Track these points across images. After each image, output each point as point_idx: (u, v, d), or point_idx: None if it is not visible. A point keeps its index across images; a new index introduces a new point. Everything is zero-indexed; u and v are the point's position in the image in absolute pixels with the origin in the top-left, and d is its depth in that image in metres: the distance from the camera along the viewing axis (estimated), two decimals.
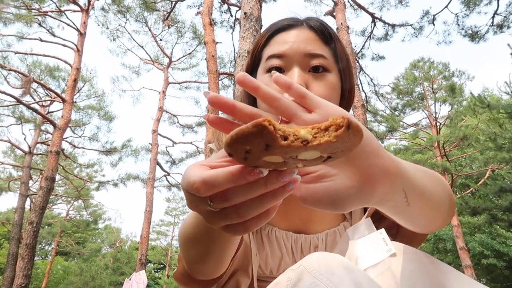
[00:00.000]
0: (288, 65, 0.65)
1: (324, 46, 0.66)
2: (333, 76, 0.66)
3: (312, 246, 0.73)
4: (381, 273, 0.51)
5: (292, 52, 0.64)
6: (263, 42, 0.70)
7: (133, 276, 6.82)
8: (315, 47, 0.65)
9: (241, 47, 3.49)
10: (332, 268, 0.46)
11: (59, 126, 8.30)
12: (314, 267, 0.47)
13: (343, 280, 0.44)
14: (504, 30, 8.59)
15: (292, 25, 0.68)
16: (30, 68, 11.46)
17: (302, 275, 0.47)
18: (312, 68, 0.65)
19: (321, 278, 0.45)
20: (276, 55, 0.65)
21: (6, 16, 8.55)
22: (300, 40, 0.65)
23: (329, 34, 0.68)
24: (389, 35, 9.86)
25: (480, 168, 12.13)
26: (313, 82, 0.64)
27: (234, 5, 8.60)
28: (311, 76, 0.64)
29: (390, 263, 0.51)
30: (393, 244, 0.55)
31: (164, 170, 13.40)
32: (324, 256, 0.49)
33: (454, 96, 12.48)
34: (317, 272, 0.46)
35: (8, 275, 8.91)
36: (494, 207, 8.36)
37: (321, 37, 0.67)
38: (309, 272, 0.47)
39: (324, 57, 0.65)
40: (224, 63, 10.95)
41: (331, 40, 0.68)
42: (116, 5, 10.85)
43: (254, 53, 0.73)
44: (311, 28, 0.67)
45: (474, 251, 11.62)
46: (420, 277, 0.48)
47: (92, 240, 23.55)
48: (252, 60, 0.73)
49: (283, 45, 0.66)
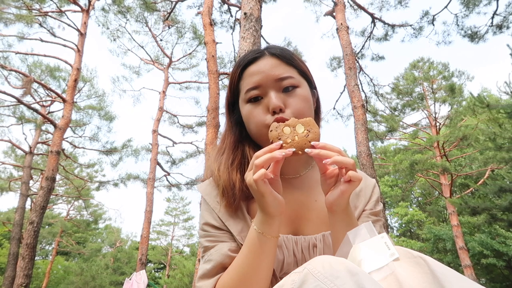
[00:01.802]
0: (264, 92, 0.76)
1: (288, 67, 0.77)
2: (303, 89, 0.77)
3: (311, 246, 0.76)
4: (385, 278, 0.51)
5: (265, 80, 0.75)
6: (237, 76, 0.80)
7: (133, 276, 6.81)
8: (281, 71, 0.76)
9: (241, 47, 3.51)
10: (336, 271, 0.47)
11: (60, 126, 8.31)
12: (318, 270, 0.49)
13: (347, 283, 0.45)
14: (503, 30, 8.60)
15: (257, 57, 0.79)
16: (30, 68, 11.48)
17: (307, 277, 0.49)
18: (284, 88, 0.75)
19: (325, 281, 0.46)
20: (252, 87, 0.76)
21: (7, 17, 8.56)
22: (267, 68, 0.76)
23: (290, 56, 0.79)
24: (388, 35, 9.87)
25: (479, 168, 12.15)
26: (289, 99, 0.75)
27: (234, 5, 8.61)
28: (285, 95, 0.75)
29: (394, 267, 0.52)
30: (397, 249, 0.56)
31: (164, 170, 13.40)
32: (328, 259, 0.51)
33: (453, 96, 12.50)
34: (321, 275, 0.48)
35: (9, 274, 8.93)
36: (493, 207, 8.36)
37: (284, 61, 0.78)
38: (313, 275, 0.48)
39: (291, 77, 0.76)
40: (224, 63, 10.95)
41: (292, 60, 0.79)
42: (116, 5, 10.86)
43: (231, 87, 0.82)
44: (273, 55, 0.78)
45: (474, 251, 11.62)
46: (422, 281, 0.49)
47: (92, 240, 23.56)
48: (231, 93, 0.83)
49: (255, 76, 0.76)
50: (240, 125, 0.83)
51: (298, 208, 0.80)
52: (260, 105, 0.75)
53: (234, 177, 0.77)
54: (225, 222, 0.77)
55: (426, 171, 11.93)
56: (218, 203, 0.79)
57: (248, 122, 0.78)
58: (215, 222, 0.78)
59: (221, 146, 0.85)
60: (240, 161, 0.80)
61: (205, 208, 0.82)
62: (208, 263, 0.74)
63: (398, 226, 20.58)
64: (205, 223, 0.79)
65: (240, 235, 0.75)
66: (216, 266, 0.73)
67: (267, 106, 0.74)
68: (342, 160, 0.62)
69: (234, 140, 0.83)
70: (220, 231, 0.78)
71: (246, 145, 0.82)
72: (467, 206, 8.72)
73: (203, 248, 0.78)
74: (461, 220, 12.09)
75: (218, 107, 6.35)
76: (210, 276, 0.73)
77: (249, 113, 0.76)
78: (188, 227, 27.63)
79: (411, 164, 11.15)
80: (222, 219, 0.77)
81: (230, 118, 0.86)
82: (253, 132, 0.78)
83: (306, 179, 0.84)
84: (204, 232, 0.79)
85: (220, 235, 0.77)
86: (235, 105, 0.83)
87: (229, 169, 0.79)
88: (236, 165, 0.79)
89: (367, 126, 6.65)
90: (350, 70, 7.14)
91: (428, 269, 0.50)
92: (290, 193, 0.81)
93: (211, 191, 0.82)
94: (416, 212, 18.22)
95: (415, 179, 14.80)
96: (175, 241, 27.66)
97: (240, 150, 0.82)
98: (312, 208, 0.81)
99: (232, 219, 0.77)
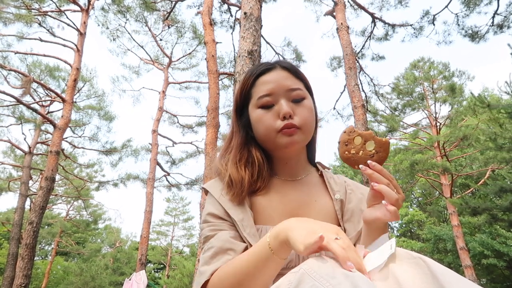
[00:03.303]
0: (276, 100, 0.83)
1: (296, 80, 0.86)
2: (308, 101, 0.85)
3: None
4: (385, 279, 0.52)
5: (277, 89, 0.83)
6: (250, 83, 0.87)
7: (133, 276, 6.81)
8: (292, 82, 0.84)
9: (241, 47, 3.48)
10: (332, 271, 0.48)
11: (59, 126, 8.29)
12: (314, 270, 0.49)
13: (343, 283, 0.46)
14: (504, 30, 8.58)
15: (270, 68, 0.86)
16: (30, 68, 11.46)
17: (303, 277, 0.48)
18: (294, 99, 0.83)
19: (321, 281, 0.46)
20: (265, 94, 0.83)
21: (6, 16, 8.55)
22: (279, 79, 0.84)
23: (298, 71, 0.88)
24: (389, 35, 9.85)
25: (480, 168, 12.13)
26: (297, 109, 0.82)
27: (234, 5, 8.59)
28: (294, 105, 0.82)
29: (394, 269, 0.52)
30: (396, 250, 0.56)
31: (164, 170, 13.39)
32: (324, 259, 0.51)
33: (454, 96, 12.48)
34: (317, 275, 0.48)
35: (8, 275, 8.91)
36: (494, 207, 8.34)
37: (293, 74, 0.86)
38: (309, 275, 0.48)
39: (300, 89, 0.84)
40: (224, 63, 10.93)
41: (300, 75, 0.87)
42: (116, 5, 10.84)
43: (242, 92, 0.89)
44: (284, 69, 0.86)
45: (474, 251, 11.61)
46: (422, 282, 0.49)
47: (92, 240, 23.57)
48: (242, 98, 0.89)
49: (268, 85, 0.84)
50: (247, 128, 0.89)
51: (298, 208, 0.83)
52: (270, 111, 0.82)
53: (243, 172, 0.83)
54: (228, 211, 0.80)
55: (426, 171, 11.91)
56: (222, 195, 0.83)
57: (258, 126, 0.84)
58: (217, 211, 0.82)
59: (227, 146, 0.91)
60: (247, 159, 0.86)
61: (209, 201, 0.86)
62: (209, 250, 0.76)
63: (399, 226, 20.58)
64: (208, 213, 0.83)
65: (241, 222, 0.78)
66: (217, 251, 0.75)
67: (278, 112, 0.81)
68: (387, 193, 0.65)
69: (241, 141, 0.89)
70: (221, 221, 0.81)
71: (252, 147, 0.88)
72: (468, 206, 8.71)
73: (204, 238, 0.81)
74: (461, 220, 12.07)
75: (218, 107, 6.32)
76: (211, 262, 0.74)
77: (260, 117, 0.83)
78: (188, 227, 27.65)
79: (412, 164, 11.13)
80: (224, 208, 0.81)
81: (237, 121, 0.92)
82: (262, 135, 0.84)
83: (306, 182, 0.89)
84: (206, 223, 0.82)
85: (221, 224, 0.80)
86: (244, 110, 0.90)
87: (237, 165, 0.85)
88: (244, 162, 0.85)
89: (367, 126, 6.64)
90: (350, 70, 7.12)
91: (428, 270, 0.50)
92: (290, 193, 0.85)
93: (217, 186, 0.87)
94: (416, 212, 18.22)
95: (415, 179, 14.79)
96: (175, 241, 27.69)
97: (246, 150, 0.88)
98: (312, 208, 0.84)
99: (234, 208, 0.81)
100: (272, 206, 0.83)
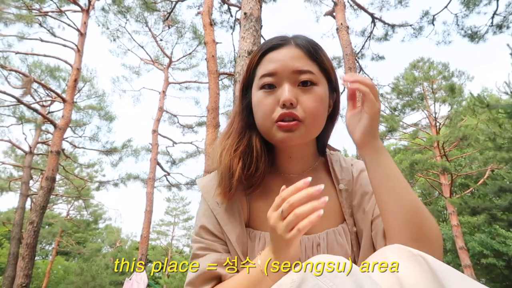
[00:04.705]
0: (279, 82, 0.71)
1: (310, 62, 0.72)
2: (321, 89, 0.72)
3: (315, 244, 0.75)
4: (385, 277, 0.52)
5: (282, 70, 0.70)
6: (256, 60, 0.76)
7: (134, 276, 6.83)
8: (302, 64, 0.71)
9: (241, 47, 3.50)
10: (335, 270, 0.47)
11: (60, 126, 8.31)
12: (317, 269, 0.49)
13: (346, 282, 0.46)
14: (503, 30, 8.59)
15: (281, 44, 0.74)
16: (30, 68, 11.47)
17: (306, 276, 0.48)
18: (301, 83, 0.71)
19: (324, 280, 0.46)
20: (268, 73, 0.71)
21: (7, 17, 8.56)
22: (288, 58, 0.71)
23: (315, 51, 0.74)
24: (389, 35, 9.86)
25: (479, 168, 12.15)
26: (303, 96, 0.70)
27: (234, 5, 8.60)
28: (300, 90, 0.70)
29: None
30: (397, 248, 0.56)
31: (164, 170, 13.40)
32: (327, 258, 0.50)
33: (453, 96, 12.48)
34: (320, 274, 0.48)
35: (9, 274, 8.93)
36: (493, 207, 8.36)
37: (307, 54, 0.72)
38: (312, 274, 0.48)
39: (311, 73, 0.71)
40: (224, 63, 10.94)
41: (317, 55, 0.73)
42: (116, 5, 10.86)
43: (248, 70, 0.78)
44: (298, 46, 0.73)
45: (474, 251, 11.63)
46: (422, 279, 0.49)
47: (92, 240, 23.57)
48: (248, 77, 0.79)
49: (273, 63, 0.72)
50: (250, 110, 0.78)
51: None
52: (272, 95, 0.71)
53: (235, 164, 0.73)
54: (224, 227, 0.74)
55: (426, 171, 11.93)
56: (218, 204, 0.75)
57: (257, 110, 0.74)
58: (212, 227, 0.75)
59: (228, 130, 0.80)
60: (244, 149, 0.75)
61: (203, 209, 0.78)
62: (196, 271, 0.72)
63: None
64: (202, 226, 0.76)
65: (237, 241, 0.73)
66: (203, 275, 0.71)
67: (279, 98, 0.70)
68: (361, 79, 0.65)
69: (242, 125, 0.78)
70: (214, 238, 0.75)
71: (253, 134, 0.77)
72: (467, 206, 8.72)
73: (193, 254, 0.76)
74: (461, 220, 12.09)
75: (218, 107, 6.35)
76: (196, 285, 0.72)
77: (259, 101, 0.72)
78: (188, 227, 27.65)
79: (411, 164, 11.14)
80: (220, 223, 0.74)
81: (241, 102, 0.81)
82: (259, 121, 0.74)
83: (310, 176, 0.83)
84: (198, 238, 0.76)
85: (214, 243, 0.75)
86: (248, 90, 0.79)
87: (231, 155, 0.74)
88: (240, 152, 0.74)
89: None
90: (350, 70, 7.14)
91: (428, 268, 0.50)
92: None
93: (211, 189, 0.77)
94: None
95: (415, 179, 14.79)
96: (175, 241, 27.72)
97: (247, 137, 0.77)
98: None
99: (230, 223, 0.74)
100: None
